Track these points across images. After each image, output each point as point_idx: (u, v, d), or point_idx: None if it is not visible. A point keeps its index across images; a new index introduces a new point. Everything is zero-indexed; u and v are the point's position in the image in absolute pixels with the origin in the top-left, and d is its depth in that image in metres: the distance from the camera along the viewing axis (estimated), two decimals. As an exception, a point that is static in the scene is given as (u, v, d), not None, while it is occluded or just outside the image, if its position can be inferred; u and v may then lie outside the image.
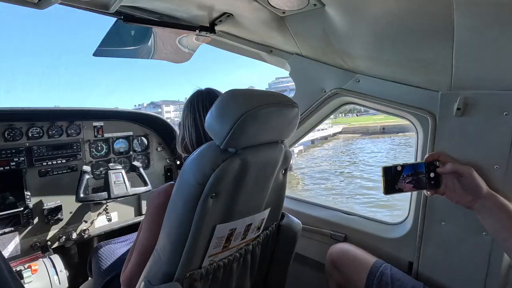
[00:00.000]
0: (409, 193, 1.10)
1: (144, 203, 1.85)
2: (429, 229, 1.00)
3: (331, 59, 1.16)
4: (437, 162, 0.88)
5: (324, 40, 1.06)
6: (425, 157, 0.88)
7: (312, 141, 22.78)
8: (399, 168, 0.88)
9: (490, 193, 0.80)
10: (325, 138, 26.97)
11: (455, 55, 0.80)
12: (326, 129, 27.31)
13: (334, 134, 29.69)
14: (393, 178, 0.88)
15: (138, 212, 1.85)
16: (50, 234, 1.51)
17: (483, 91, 0.85)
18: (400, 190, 0.88)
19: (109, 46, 1.20)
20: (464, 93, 0.87)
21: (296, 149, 16.35)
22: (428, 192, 0.88)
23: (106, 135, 1.70)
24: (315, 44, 1.13)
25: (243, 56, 1.46)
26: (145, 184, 1.68)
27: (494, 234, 0.80)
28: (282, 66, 1.39)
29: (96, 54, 1.20)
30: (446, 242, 0.97)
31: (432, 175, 0.87)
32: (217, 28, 1.23)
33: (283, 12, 1.00)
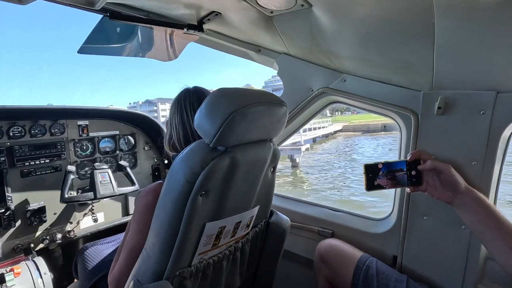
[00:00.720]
0: (393, 190, 1.14)
1: (131, 203, 1.82)
2: (412, 224, 1.04)
3: (318, 59, 1.18)
4: (420, 161, 0.91)
5: (311, 40, 1.08)
6: (408, 156, 0.91)
7: (314, 140, 22.65)
8: (380, 166, 0.91)
9: (468, 189, 0.84)
10: (326, 136, 26.84)
11: (436, 56, 0.83)
12: (326, 127, 27.19)
13: (335, 132, 29.56)
14: (374, 175, 0.91)
15: (126, 212, 1.83)
16: (34, 236, 1.46)
17: (462, 91, 0.89)
18: (381, 187, 0.91)
19: (95, 44, 1.18)
20: (444, 92, 0.91)
21: (303, 147, 16.33)
22: (409, 189, 0.91)
23: (91, 134, 1.67)
24: (303, 44, 1.14)
25: (233, 55, 1.46)
26: (132, 183, 1.66)
27: (471, 227, 0.84)
28: (270, 66, 1.40)
29: (81, 51, 1.17)
30: (428, 236, 1.01)
31: (413, 172, 0.90)
32: (205, 26, 1.23)
33: (271, 12, 1.01)
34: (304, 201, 1.45)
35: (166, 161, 2.00)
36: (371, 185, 0.91)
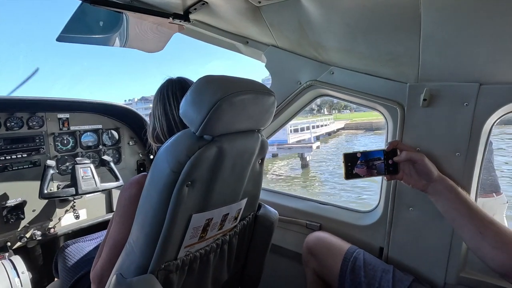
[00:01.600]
0: (379, 182, 1.16)
1: (115, 199, 1.77)
2: (398, 216, 1.05)
3: (306, 51, 1.17)
4: (397, 150, 0.94)
5: (299, 31, 1.07)
6: (385, 146, 0.95)
7: (317, 138, 22.42)
8: (359, 155, 0.95)
9: (441, 177, 0.88)
10: (329, 134, 26.54)
11: (422, 48, 0.84)
12: (328, 125, 27.01)
13: (337, 130, 29.42)
14: (353, 164, 0.95)
15: (109, 209, 1.77)
16: (10, 234, 1.40)
17: (446, 83, 0.90)
18: (359, 176, 0.95)
19: (75, 32, 1.13)
20: (430, 84, 0.92)
21: (314, 145, 16.15)
22: (386, 178, 0.96)
23: (72, 127, 1.60)
24: (291, 36, 1.13)
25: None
26: (116, 179, 1.61)
27: (445, 214, 0.87)
28: (258, 58, 1.38)
29: (60, 39, 1.12)
30: (413, 227, 1.03)
31: (391, 162, 0.94)
32: (191, 16, 1.20)
33: (259, 2, 1.00)
34: (292, 195, 1.45)
35: (152, 156, 1.96)
36: (349, 174, 0.95)
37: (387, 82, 1.03)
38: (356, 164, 0.95)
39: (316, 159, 16.14)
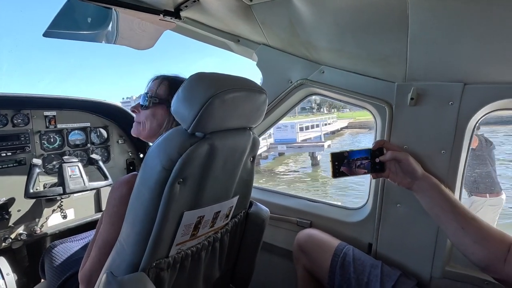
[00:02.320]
0: (368, 180, 1.18)
1: (104, 199, 1.74)
2: (386, 212, 1.08)
3: (297, 50, 1.18)
4: (383, 149, 0.97)
5: (290, 30, 1.08)
6: (372, 145, 0.98)
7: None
8: (346, 154, 0.98)
9: (425, 175, 0.91)
10: (333, 133, 26.19)
11: (409, 48, 0.86)
12: (331, 123, 26.84)
13: (341, 129, 29.15)
14: (340, 163, 0.97)
15: (98, 209, 1.74)
16: None
17: (433, 82, 0.93)
18: (346, 174, 0.98)
19: (62, 27, 1.10)
20: (417, 84, 0.95)
21: (325, 143, 15.86)
22: (371, 176, 0.99)
23: (59, 125, 1.57)
24: (282, 35, 1.14)
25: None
26: (105, 178, 1.58)
27: (429, 210, 0.91)
28: (249, 57, 1.39)
29: (47, 35, 1.09)
30: (401, 223, 1.05)
31: (377, 160, 0.96)
32: (182, 14, 1.19)
33: (251, 0, 1.00)
34: (283, 193, 1.46)
35: (142, 155, 1.93)
36: (336, 172, 0.98)
37: (376, 81, 1.05)
38: (343, 163, 0.98)
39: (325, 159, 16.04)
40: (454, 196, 0.88)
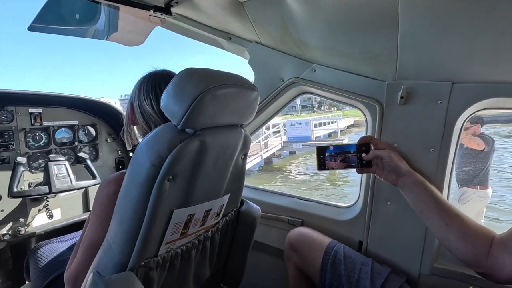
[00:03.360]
0: (359, 178, 1.19)
1: (92, 198, 1.70)
2: (376, 210, 1.08)
3: (289, 48, 1.18)
4: (370, 145, 0.98)
5: (282, 28, 1.07)
6: (358, 140, 0.99)
7: (329, 135, 21.97)
8: (331, 148, 0.99)
9: (409, 172, 0.92)
10: (340, 131, 26.03)
11: (400, 47, 0.87)
12: (336, 121, 26.58)
13: (347, 127, 28.94)
14: (326, 157, 0.99)
15: (86, 208, 1.70)
16: None
17: (422, 81, 0.94)
18: (331, 167, 1.00)
19: (48, 21, 1.07)
20: (407, 83, 0.96)
21: (344, 141, 15.56)
22: (356, 170, 1.00)
23: (45, 123, 1.52)
24: (274, 33, 1.14)
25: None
26: (93, 177, 1.55)
27: (414, 207, 0.92)
28: (241, 54, 1.38)
29: (32, 29, 1.06)
30: (391, 220, 1.06)
31: (364, 156, 0.98)
32: (173, 10, 1.17)
33: (242, -3, 0.99)
34: (275, 191, 1.46)
35: (131, 154, 1.90)
36: (321, 165, 1.00)
37: (367, 80, 1.06)
38: (329, 157, 1.00)
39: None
40: (438, 193, 0.89)
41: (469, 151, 3.24)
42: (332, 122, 21.54)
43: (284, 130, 15.65)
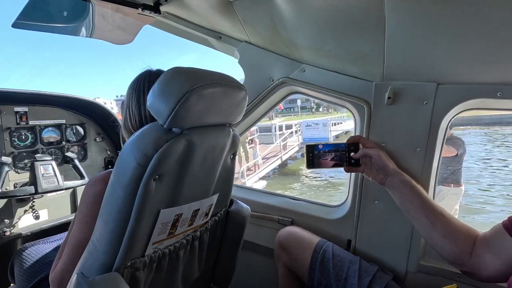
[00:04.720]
0: (348, 178, 1.20)
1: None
2: (365, 209, 1.10)
3: (279, 48, 1.19)
4: (359, 145, 1.00)
5: (272, 28, 1.08)
6: (347, 139, 1.01)
7: (337, 136, 21.75)
8: (320, 146, 1.01)
9: (397, 171, 0.93)
10: (346, 132, 25.67)
11: (387, 48, 0.88)
12: (341, 123, 26.38)
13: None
14: (315, 155, 1.01)
15: (74, 209, 1.67)
16: None
17: (409, 82, 0.96)
18: (320, 166, 1.01)
19: (33, 18, 1.04)
20: (394, 83, 0.97)
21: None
22: (344, 169, 1.01)
23: (31, 122, 1.49)
24: (263, 32, 1.14)
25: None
26: (81, 177, 1.52)
27: (400, 205, 0.93)
28: (231, 54, 1.37)
29: (16, 26, 1.03)
30: (378, 219, 1.08)
31: (352, 154, 0.99)
32: (162, 8, 1.16)
33: (232, -4, 0.99)
34: (265, 191, 1.47)
35: None
36: (310, 164, 1.02)
37: (355, 80, 1.07)
38: (318, 155, 1.01)
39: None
40: (424, 192, 0.91)
41: (443, 158, 3.44)
42: (338, 123, 21.48)
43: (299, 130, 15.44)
